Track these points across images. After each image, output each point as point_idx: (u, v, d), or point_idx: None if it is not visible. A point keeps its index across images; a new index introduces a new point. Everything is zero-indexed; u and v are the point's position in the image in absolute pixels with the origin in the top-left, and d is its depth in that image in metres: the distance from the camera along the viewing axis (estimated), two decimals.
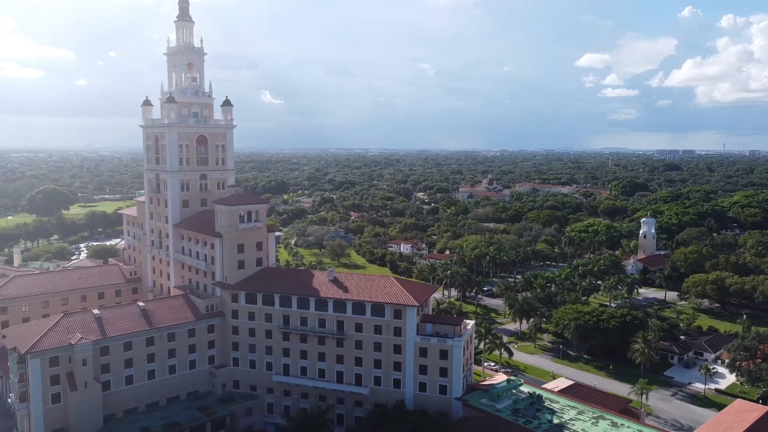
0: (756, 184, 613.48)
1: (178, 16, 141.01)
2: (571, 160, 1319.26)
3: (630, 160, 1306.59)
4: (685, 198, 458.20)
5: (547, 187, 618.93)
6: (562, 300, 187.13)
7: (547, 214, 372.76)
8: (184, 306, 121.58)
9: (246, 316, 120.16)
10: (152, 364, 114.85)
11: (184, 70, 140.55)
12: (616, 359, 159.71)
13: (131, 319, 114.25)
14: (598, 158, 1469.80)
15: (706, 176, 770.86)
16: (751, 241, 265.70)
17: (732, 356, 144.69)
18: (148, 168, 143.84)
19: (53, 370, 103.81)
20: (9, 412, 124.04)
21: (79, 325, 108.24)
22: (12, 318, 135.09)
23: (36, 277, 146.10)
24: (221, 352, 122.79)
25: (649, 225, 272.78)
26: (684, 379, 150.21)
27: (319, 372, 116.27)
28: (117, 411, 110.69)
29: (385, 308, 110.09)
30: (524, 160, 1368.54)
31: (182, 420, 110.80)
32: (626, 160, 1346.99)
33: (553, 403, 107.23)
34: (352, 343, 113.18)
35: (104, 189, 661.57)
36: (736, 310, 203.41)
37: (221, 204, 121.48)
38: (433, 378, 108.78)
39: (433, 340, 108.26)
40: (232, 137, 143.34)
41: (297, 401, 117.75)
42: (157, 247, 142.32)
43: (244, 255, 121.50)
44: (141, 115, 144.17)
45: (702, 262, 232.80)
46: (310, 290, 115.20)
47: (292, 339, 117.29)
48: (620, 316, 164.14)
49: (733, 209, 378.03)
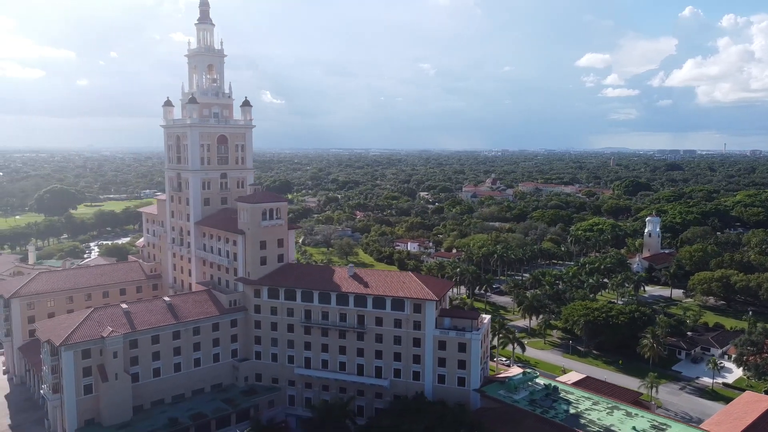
0: (758, 183, 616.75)
1: (199, 19, 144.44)
2: (573, 160, 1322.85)
3: (631, 160, 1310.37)
4: (687, 197, 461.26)
5: (549, 186, 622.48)
6: (570, 297, 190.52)
7: (551, 213, 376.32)
8: (208, 301, 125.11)
9: (268, 311, 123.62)
10: (178, 357, 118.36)
11: (204, 71, 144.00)
12: (624, 354, 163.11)
13: (158, 313, 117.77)
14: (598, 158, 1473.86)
15: (707, 176, 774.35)
16: (755, 240, 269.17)
17: (739, 351, 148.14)
18: (170, 167, 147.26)
19: (85, 362, 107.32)
20: (37, 404, 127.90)
21: (109, 319, 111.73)
22: (38, 313, 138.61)
23: (60, 274, 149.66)
24: (244, 345, 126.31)
25: (654, 224, 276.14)
26: (692, 374, 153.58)
27: (340, 365, 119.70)
28: (145, 402, 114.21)
29: (405, 303, 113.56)
30: (525, 160, 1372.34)
31: (208, 411, 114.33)
32: (627, 160, 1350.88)
33: (568, 394, 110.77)
34: (372, 336, 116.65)
35: (109, 189, 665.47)
36: (740, 307, 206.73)
37: (244, 202, 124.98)
38: (452, 370, 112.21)
39: (451, 334, 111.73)
40: (251, 137, 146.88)
41: (318, 393, 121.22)
42: (178, 245, 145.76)
43: (266, 251, 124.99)
44: (162, 116, 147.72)
45: (707, 260, 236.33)
46: (332, 285, 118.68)
47: (313, 333, 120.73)
48: (629, 313, 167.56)
49: (736, 209, 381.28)
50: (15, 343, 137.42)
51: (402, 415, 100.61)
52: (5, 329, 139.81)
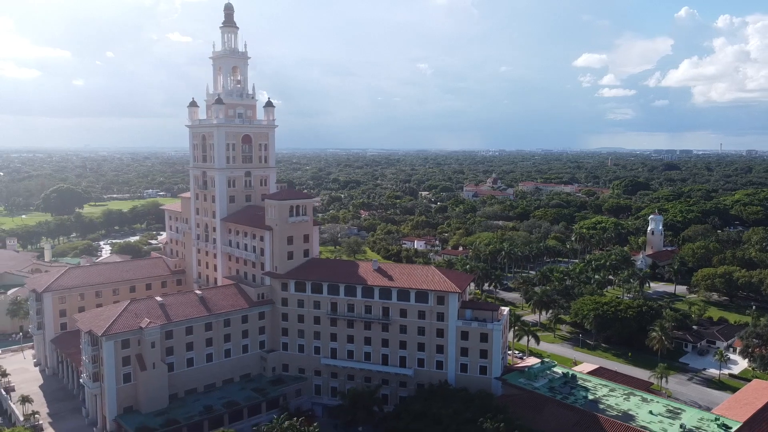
0: (755, 183, 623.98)
1: (224, 23, 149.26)
2: (571, 160, 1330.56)
3: (628, 160, 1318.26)
4: (686, 197, 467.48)
5: (549, 186, 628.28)
6: (579, 292, 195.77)
7: (553, 212, 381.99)
8: (237, 294, 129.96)
9: (295, 304, 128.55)
10: (210, 348, 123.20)
11: (229, 73, 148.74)
12: (632, 347, 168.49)
13: (191, 305, 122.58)
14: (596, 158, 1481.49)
15: (705, 175, 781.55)
16: (756, 237, 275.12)
17: (745, 343, 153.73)
18: (195, 166, 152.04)
19: (124, 351, 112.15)
20: (71, 394, 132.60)
21: (145, 311, 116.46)
22: (69, 307, 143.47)
23: (89, 269, 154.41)
24: (271, 337, 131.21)
25: (656, 222, 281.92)
26: (698, 365, 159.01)
27: (365, 355, 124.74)
28: (179, 391, 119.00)
29: (429, 295, 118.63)
30: (523, 160, 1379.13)
31: (240, 399, 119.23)
32: (625, 159, 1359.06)
33: (586, 382, 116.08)
34: (396, 327, 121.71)
35: (111, 188, 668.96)
36: (743, 303, 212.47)
37: (272, 199, 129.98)
38: (474, 359, 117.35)
39: (474, 324, 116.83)
40: (273, 137, 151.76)
41: (344, 382, 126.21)
42: (203, 241, 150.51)
43: (292, 246, 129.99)
44: (187, 116, 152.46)
45: (709, 257, 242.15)
46: (358, 279, 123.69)
47: (339, 324, 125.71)
48: (636, 307, 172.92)
49: (735, 207, 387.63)
50: (47, 336, 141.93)
51: (429, 401, 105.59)
52: (37, 322, 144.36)
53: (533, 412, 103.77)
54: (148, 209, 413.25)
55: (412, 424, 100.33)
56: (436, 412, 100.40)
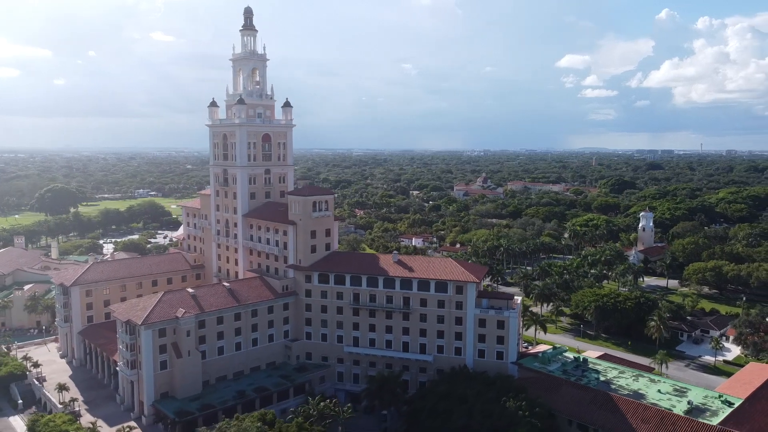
0: (737, 182, 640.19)
1: (243, 26, 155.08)
2: (555, 160, 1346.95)
3: (612, 160, 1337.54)
4: (672, 195, 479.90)
5: (537, 185, 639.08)
6: (578, 285, 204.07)
7: (545, 210, 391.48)
8: (262, 286, 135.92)
9: (318, 295, 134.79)
10: (239, 337, 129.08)
11: (249, 74, 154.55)
12: (630, 337, 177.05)
13: (221, 296, 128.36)
14: (579, 158, 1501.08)
15: (688, 175, 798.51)
16: (742, 233, 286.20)
17: (739, 331, 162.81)
18: (215, 164, 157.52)
19: (161, 340, 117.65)
20: (101, 383, 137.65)
21: (179, 302, 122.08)
22: (95, 300, 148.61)
23: (112, 264, 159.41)
24: (294, 327, 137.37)
25: (647, 219, 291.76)
26: (694, 353, 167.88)
27: (386, 343, 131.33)
28: (210, 378, 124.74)
29: (448, 285, 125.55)
30: (509, 160, 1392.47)
31: (269, 385, 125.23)
32: (608, 159, 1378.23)
33: (596, 365, 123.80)
34: (417, 316, 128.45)
35: (102, 188, 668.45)
36: (731, 295, 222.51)
37: (296, 195, 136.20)
38: (491, 345, 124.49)
39: (491, 312, 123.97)
40: (291, 136, 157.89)
41: (365, 369, 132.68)
42: (224, 236, 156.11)
43: (315, 240, 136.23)
44: (208, 115, 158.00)
45: (698, 252, 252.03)
46: (379, 270, 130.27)
47: (361, 314, 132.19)
48: (634, 299, 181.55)
49: (720, 205, 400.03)
50: (75, 328, 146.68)
51: (453, 383, 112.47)
52: (64, 315, 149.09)
53: (550, 392, 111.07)
54: (144, 209, 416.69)
55: (439, 404, 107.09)
56: (461, 393, 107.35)
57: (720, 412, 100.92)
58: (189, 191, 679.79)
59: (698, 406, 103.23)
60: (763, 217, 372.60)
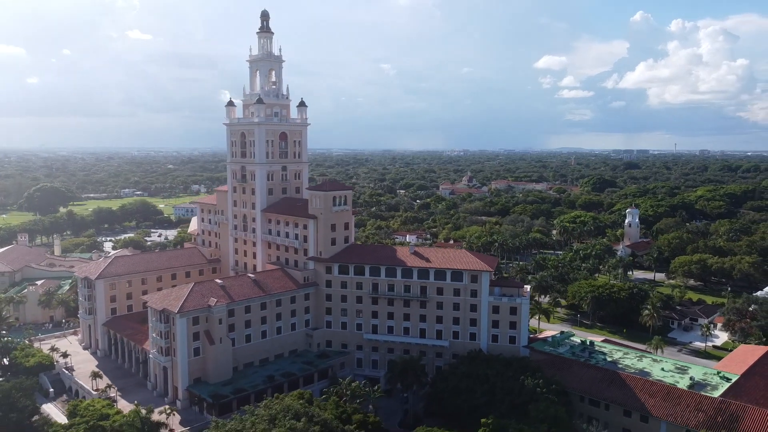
0: (712, 180, 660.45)
1: (260, 28, 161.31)
2: (535, 159, 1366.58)
3: (590, 160, 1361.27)
4: (651, 193, 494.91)
5: (521, 184, 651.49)
6: (573, 278, 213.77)
7: (532, 207, 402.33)
8: (284, 277, 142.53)
9: (339, 285, 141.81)
10: (264, 326, 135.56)
11: (266, 75, 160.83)
12: (624, 325, 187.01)
13: (247, 287, 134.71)
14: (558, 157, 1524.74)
15: (665, 174, 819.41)
16: (723, 229, 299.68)
17: (727, 318, 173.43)
18: (233, 161, 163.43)
19: (195, 328, 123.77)
20: (129, 372, 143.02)
21: (209, 292, 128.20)
22: (119, 292, 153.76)
23: (133, 258, 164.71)
24: (315, 316, 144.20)
25: (633, 215, 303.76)
26: (685, 339, 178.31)
27: (404, 330, 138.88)
28: (239, 364, 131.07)
29: (464, 274, 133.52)
30: (489, 160, 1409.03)
31: (295, 370, 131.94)
32: (586, 159, 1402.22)
33: (602, 348, 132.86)
34: (433, 304, 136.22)
35: (87, 188, 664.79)
36: (715, 287, 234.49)
37: (317, 190, 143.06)
38: (504, 330, 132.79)
39: (504, 299, 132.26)
40: (306, 134, 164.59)
41: (384, 355, 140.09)
42: (242, 230, 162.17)
43: (335, 233, 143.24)
44: (225, 114, 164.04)
45: (683, 246, 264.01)
46: (398, 261, 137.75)
47: (380, 303, 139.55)
48: (628, 289, 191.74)
49: (699, 203, 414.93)
50: (99, 320, 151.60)
51: (473, 364, 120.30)
52: (87, 308, 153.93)
53: (561, 372, 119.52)
54: (136, 207, 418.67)
55: (461, 383, 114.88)
56: (482, 372, 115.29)
57: (719, 387, 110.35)
58: (175, 191, 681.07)
59: (699, 382, 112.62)
60: (741, 213, 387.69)
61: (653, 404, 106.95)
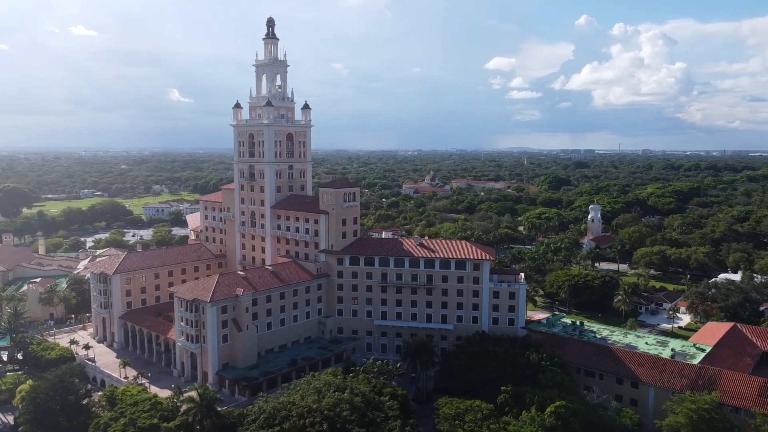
0: (659, 178, 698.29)
1: (266, 35, 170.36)
2: (489, 159, 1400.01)
3: (541, 159, 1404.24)
4: (605, 191, 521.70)
5: (480, 183, 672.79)
6: (549, 269, 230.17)
7: (497, 205, 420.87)
8: (298, 269, 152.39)
9: (350, 275, 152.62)
10: (283, 314, 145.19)
11: (272, 79, 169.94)
12: (599, 310, 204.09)
13: (267, 278, 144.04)
14: (508, 157, 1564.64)
15: (613, 172, 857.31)
16: (677, 223, 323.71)
17: (690, 301, 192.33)
18: (240, 161, 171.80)
19: (223, 316, 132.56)
20: (149, 361, 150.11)
21: (234, 283, 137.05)
22: (134, 286, 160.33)
23: (145, 254, 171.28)
24: (327, 305, 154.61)
25: (596, 211, 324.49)
26: (653, 322, 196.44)
27: (411, 315, 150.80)
28: (261, 350, 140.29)
29: (467, 263, 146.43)
30: (443, 159, 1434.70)
31: (314, 355, 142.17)
32: (537, 158, 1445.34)
33: (590, 327, 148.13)
34: (439, 291, 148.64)
35: (43, 189, 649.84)
36: (673, 275, 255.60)
37: (329, 187, 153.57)
38: (504, 314, 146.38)
39: (504, 285, 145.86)
40: (310, 135, 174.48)
41: (392, 340, 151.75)
42: (249, 226, 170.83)
43: (346, 227, 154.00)
44: (232, 116, 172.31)
45: (642, 239, 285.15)
46: (405, 252, 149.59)
47: (389, 291, 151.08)
48: (601, 277, 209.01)
49: (651, 199, 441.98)
50: (115, 313, 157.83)
51: (482, 343, 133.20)
52: (102, 302, 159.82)
53: (559, 348, 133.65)
54: (106, 208, 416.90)
55: (472, 360, 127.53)
56: (491, 350, 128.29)
57: (697, 356, 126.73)
58: (137, 191, 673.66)
59: (680, 353, 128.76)
60: (691, 209, 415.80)
61: (642, 372, 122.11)
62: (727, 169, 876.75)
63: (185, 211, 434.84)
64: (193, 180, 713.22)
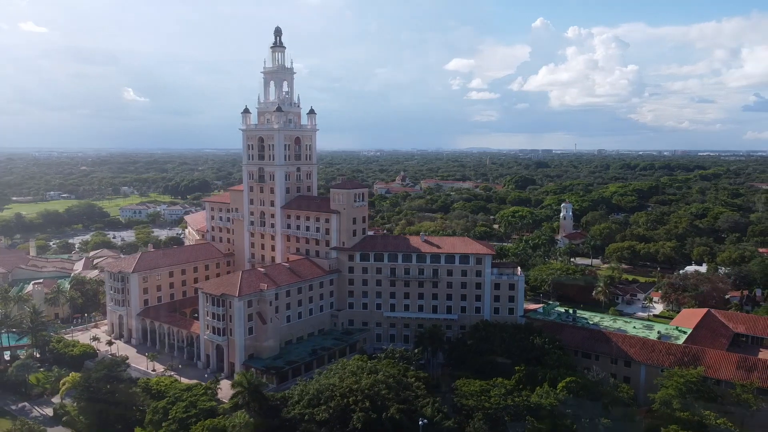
0: (617, 178, 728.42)
1: (273, 43, 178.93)
2: (452, 159, 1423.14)
3: (502, 159, 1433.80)
4: (569, 190, 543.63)
5: (448, 182, 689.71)
6: (532, 263, 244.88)
7: (471, 204, 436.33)
8: (312, 265, 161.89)
9: (360, 271, 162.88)
10: (300, 308, 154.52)
11: (279, 86, 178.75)
12: (579, 301, 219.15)
13: (285, 274, 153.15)
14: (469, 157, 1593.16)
15: (573, 172, 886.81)
16: (642, 220, 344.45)
17: (664, 291, 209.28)
18: (249, 163, 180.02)
19: (249, 309, 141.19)
20: (171, 355, 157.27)
21: (256, 279, 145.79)
22: (150, 284, 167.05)
23: (158, 253, 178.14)
24: (338, 299, 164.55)
25: (567, 209, 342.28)
26: (630, 311, 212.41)
27: (418, 307, 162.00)
28: (281, 342, 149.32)
29: (470, 257, 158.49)
30: (406, 159, 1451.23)
31: (330, 345, 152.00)
32: (497, 158, 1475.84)
33: (582, 315, 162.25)
34: (444, 284, 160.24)
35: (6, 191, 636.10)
36: (642, 269, 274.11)
37: (340, 188, 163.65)
38: (504, 304, 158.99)
39: (504, 277, 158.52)
40: (316, 138, 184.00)
41: (401, 330, 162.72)
42: (259, 226, 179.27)
43: (356, 226, 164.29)
44: (241, 121, 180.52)
45: (612, 235, 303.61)
46: (413, 248, 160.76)
47: (397, 285, 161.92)
48: (581, 271, 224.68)
49: (614, 198, 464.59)
50: (133, 311, 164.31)
51: (488, 330, 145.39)
52: (119, 300, 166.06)
53: (557, 332, 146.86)
54: (83, 210, 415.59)
55: (481, 345, 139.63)
56: (498, 335, 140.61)
57: (680, 337, 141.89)
58: (105, 192, 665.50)
59: (665, 335, 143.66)
60: (652, 207, 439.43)
61: (634, 352, 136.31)
62: (679, 168, 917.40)
63: (164, 212, 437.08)
64: (161, 182, 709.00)
